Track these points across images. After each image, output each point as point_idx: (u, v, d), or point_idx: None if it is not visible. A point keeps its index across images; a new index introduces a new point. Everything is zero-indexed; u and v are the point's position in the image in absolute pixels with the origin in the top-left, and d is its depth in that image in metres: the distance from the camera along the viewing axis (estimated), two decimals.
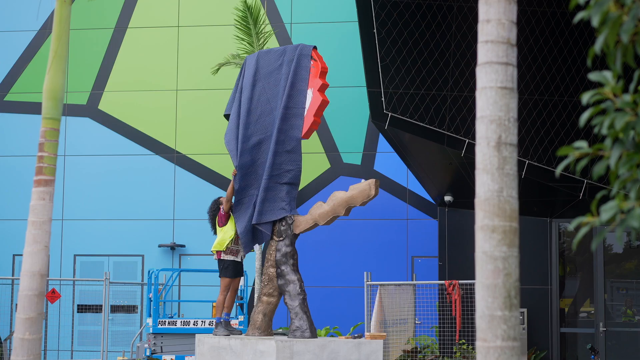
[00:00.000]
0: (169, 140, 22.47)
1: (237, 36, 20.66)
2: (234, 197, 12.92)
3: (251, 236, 12.79)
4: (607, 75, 3.87)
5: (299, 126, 12.56)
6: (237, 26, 20.69)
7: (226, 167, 22.14)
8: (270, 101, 12.85)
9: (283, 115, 12.55)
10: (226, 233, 12.97)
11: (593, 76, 3.90)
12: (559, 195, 17.53)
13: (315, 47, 12.75)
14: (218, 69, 20.56)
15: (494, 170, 5.15)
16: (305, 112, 12.52)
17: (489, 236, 5.12)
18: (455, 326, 16.28)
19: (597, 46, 3.77)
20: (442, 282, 16.85)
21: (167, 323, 17.50)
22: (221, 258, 12.95)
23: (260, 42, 20.59)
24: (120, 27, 22.88)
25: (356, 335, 12.67)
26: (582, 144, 3.92)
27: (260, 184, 12.60)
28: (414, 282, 17.92)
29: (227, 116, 13.42)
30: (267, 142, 12.73)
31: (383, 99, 15.87)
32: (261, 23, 20.59)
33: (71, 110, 22.58)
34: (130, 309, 21.86)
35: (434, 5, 15.96)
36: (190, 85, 22.50)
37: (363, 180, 12.31)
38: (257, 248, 20.18)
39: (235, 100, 13.13)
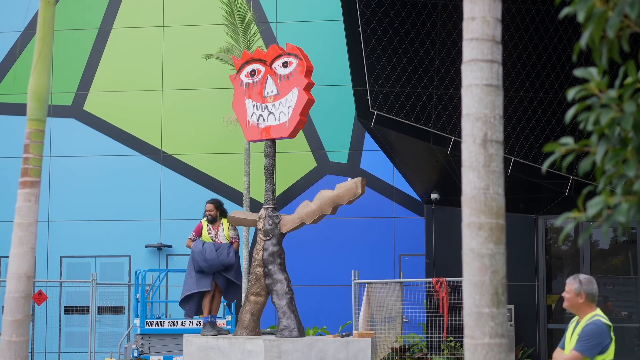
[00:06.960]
0: (154, 141, 22.41)
1: (228, 34, 20.77)
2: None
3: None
4: (593, 72, 3.88)
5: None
6: (225, 23, 20.82)
7: (213, 167, 22.11)
8: None
9: None
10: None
11: (578, 72, 3.91)
12: (545, 192, 17.57)
13: (300, 48, 12.75)
14: (209, 58, 20.78)
15: (480, 168, 5.14)
16: (292, 112, 12.51)
17: (476, 233, 5.11)
18: (442, 324, 16.30)
19: (583, 41, 3.77)
20: (430, 279, 16.87)
21: (154, 324, 17.46)
22: None
23: (247, 40, 20.60)
24: (105, 28, 22.80)
25: (344, 333, 12.67)
26: (568, 141, 3.92)
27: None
28: (402, 280, 17.93)
29: None
30: None
31: (369, 97, 15.87)
32: (246, 22, 20.62)
33: (56, 111, 22.49)
34: (117, 309, 21.80)
35: (419, 3, 15.97)
36: (175, 85, 22.45)
37: (349, 179, 12.30)
38: (245, 247, 20.16)
39: None
